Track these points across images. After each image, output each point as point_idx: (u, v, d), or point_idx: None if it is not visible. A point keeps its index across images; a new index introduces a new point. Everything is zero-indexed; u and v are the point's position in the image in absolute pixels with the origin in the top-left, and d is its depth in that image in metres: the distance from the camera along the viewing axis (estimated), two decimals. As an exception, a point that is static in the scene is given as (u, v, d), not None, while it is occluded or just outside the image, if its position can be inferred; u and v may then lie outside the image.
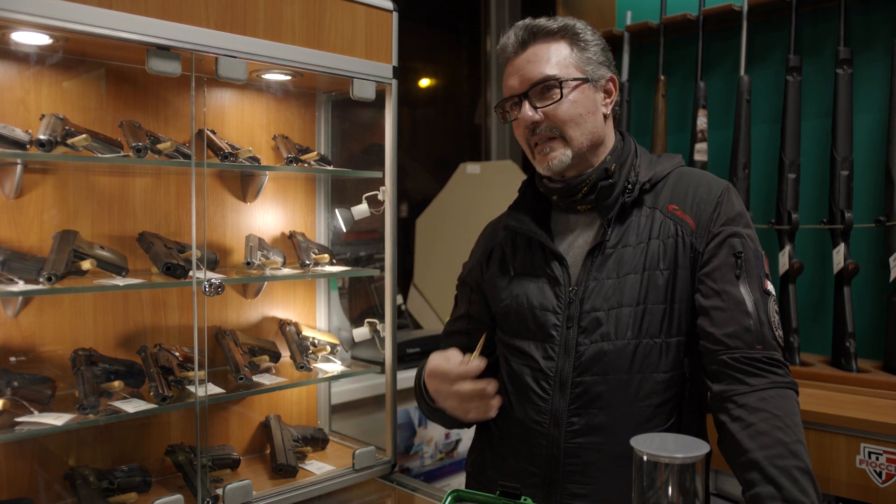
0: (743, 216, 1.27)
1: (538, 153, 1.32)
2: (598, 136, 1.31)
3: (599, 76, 1.31)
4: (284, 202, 1.90)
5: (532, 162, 1.36)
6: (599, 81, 1.32)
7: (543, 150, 1.30)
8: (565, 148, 1.29)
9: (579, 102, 1.28)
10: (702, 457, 0.96)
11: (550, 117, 1.28)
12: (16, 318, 1.45)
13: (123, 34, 1.30)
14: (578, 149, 1.29)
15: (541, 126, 1.29)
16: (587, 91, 1.30)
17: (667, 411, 1.26)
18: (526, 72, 1.29)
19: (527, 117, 1.28)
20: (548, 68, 1.28)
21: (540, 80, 1.28)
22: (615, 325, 1.24)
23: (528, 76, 1.29)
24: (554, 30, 1.30)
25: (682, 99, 2.51)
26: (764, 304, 1.20)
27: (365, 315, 1.97)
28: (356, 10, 1.66)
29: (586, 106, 1.29)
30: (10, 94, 1.45)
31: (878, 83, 2.09)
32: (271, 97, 1.85)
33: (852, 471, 1.73)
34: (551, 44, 1.30)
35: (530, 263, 1.36)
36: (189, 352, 1.63)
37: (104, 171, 1.58)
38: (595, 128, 1.31)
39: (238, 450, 1.77)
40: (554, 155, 1.29)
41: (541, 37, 1.30)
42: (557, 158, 1.29)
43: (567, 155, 1.29)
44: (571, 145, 1.29)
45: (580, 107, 1.28)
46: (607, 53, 1.35)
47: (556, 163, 1.29)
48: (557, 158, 1.29)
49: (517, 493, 1.08)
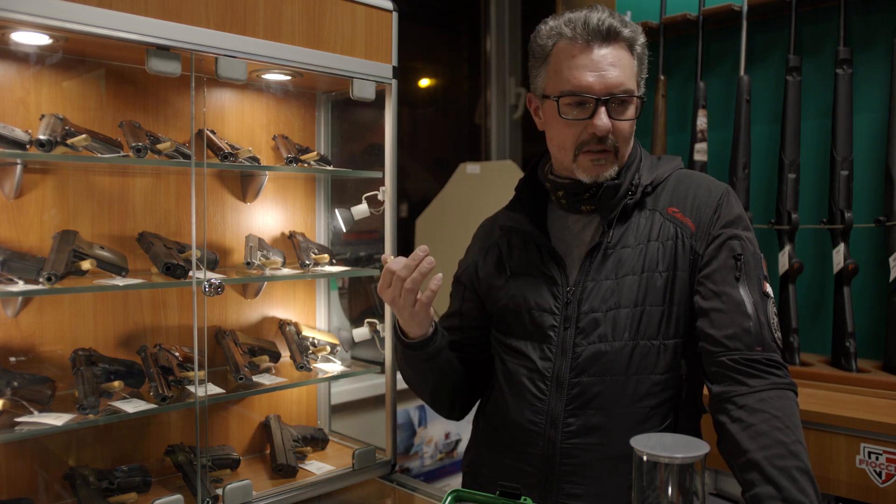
0: (742, 219, 1.27)
1: (591, 161, 1.26)
2: None
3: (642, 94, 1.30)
4: (284, 202, 1.90)
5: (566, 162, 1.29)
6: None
7: (598, 160, 1.26)
8: (615, 164, 1.27)
9: (635, 121, 1.28)
10: (702, 457, 0.96)
11: (618, 132, 1.25)
12: (16, 318, 1.45)
13: (123, 34, 1.30)
14: (622, 164, 1.29)
15: (609, 138, 1.25)
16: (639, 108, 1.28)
17: (663, 412, 1.26)
18: (609, 75, 1.22)
19: (606, 126, 1.23)
20: (628, 80, 1.24)
21: (622, 90, 1.23)
22: (612, 327, 1.24)
23: (610, 81, 1.22)
24: (630, 38, 1.25)
25: (681, 99, 2.51)
26: (763, 306, 1.20)
27: (365, 315, 1.97)
28: (356, 10, 1.66)
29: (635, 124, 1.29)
30: (10, 94, 1.45)
31: (878, 83, 2.09)
32: (271, 97, 1.85)
33: (852, 471, 1.73)
34: (627, 51, 1.25)
35: (527, 263, 1.35)
36: (189, 352, 1.63)
37: (104, 171, 1.58)
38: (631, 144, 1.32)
39: (238, 450, 1.77)
40: (606, 167, 1.27)
41: (621, 40, 1.24)
42: (608, 172, 1.27)
43: (615, 170, 1.28)
44: (620, 161, 1.28)
45: (634, 125, 1.28)
46: None
47: (605, 175, 1.27)
48: (608, 172, 1.27)
49: (517, 494, 1.08)
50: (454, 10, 3.57)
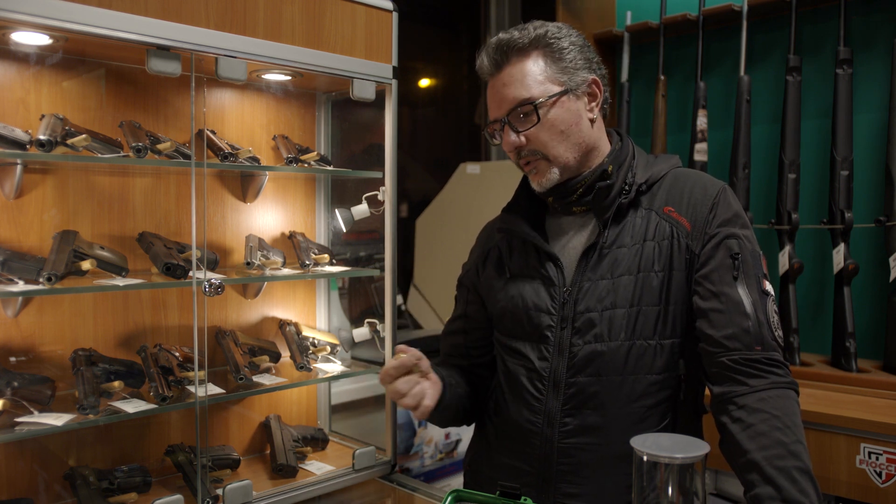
0: (740, 217, 1.26)
1: (528, 172, 1.32)
2: (584, 145, 1.29)
3: (579, 83, 1.28)
4: (284, 202, 1.90)
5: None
6: (580, 88, 1.28)
7: (531, 170, 1.30)
8: (551, 167, 1.28)
9: (559, 119, 1.26)
10: (702, 457, 0.96)
11: (532, 140, 1.27)
12: (16, 318, 1.45)
13: (123, 34, 1.30)
14: (564, 164, 1.28)
15: (524, 149, 1.28)
16: (567, 104, 1.27)
17: (660, 412, 1.26)
18: (502, 95, 1.27)
19: (510, 142, 1.27)
20: (523, 90, 1.25)
21: (516, 104, 1.26)
22: (608, 326, 1.24)
23: (504, 100, 1.27)
24: (525, 44, 1.26)
25: (682, 99, 2.51)
26: (763, 305, 1.20)
27: (365, 315, 1.97)
28: (356, 10, 1.66)
29: (567, 120, 1.27)
30: (10, 94, 1.45)
31: (878, 83, 2.09)
32: (271, 97, 1.85)
33: (852, 471, 1.73)
34: (525, 61, 1.26)
35: (525, 265, 1.36)
36: (189, 352, 1.63)
37: (104, 171, 1.58)
38: (580, 139, 1.28)
39: (238, 450, 1.77)
40: (541, 175, 1.29)
41: (513, 55, 1.26)
42: (545, 177, 1.29)
43: (554, 173, 1.28)
44: (556, 163, 1.28)
45: (561, 123, 1.26)
46: (587, 53, 1.30)
47: (544, 181, 1.29)
48: (545, 177, 1.29)
49: (517, 494, 1.08)
50: (454, 10, 3.57)
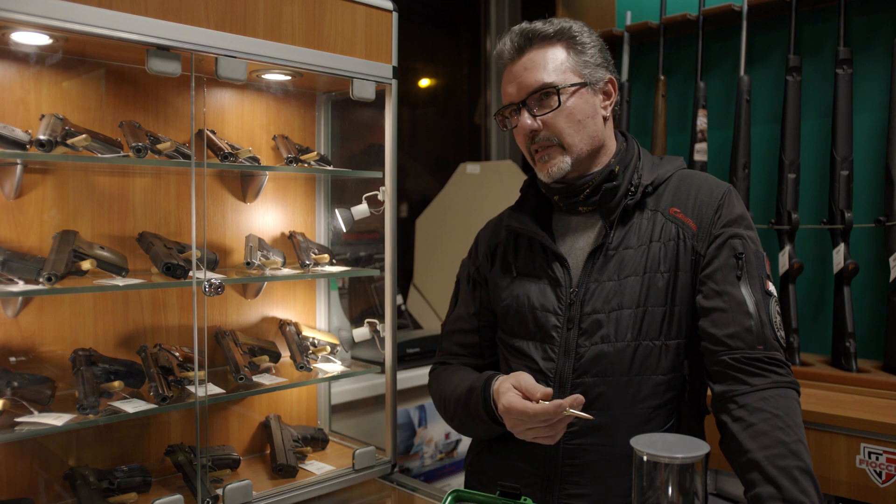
0: (744, 218, 1.27)
1: (538, 160, 1.32)
2: (597, 139, 1.31)
3: (598, 79, 1.31)
4: (284, 202, 1.90)
5: (533, 167, 1.36)
6: (598, 84, 1.31)
7: (543, 157, 1.30)
8: (564, 155, 1.29)
9: (578, 108, 1.28)
10: (702, 457, 0.96)
11: (549, 125, 1.28)
12: (16, 318, 1.45)
13: (123, 34, 1.30)
14: (577, 155, 1.29)
15: (539, 134, 1.29)
16: (585, 95, 1.29)
17: (665, 413, 1.26)
18: (523, 79, 1.28)
19: (526, 126, 1.28)
20: (545, 75, 1.27)
21: (537, 87, 1.27)
22: (615, 327, 1.25)
23: (525, 84, 1.28)
24: (550, 34, 1.29)
25: (682, 99, 2.51)
26: (765, 305, 1.20)
27: (365, 315, 1.97)
28: (356, 10, 1.66)
29: (585, 111, 1.29)
30: (10, 94, 1.45)
31: (878, 83, 2.09)
32: (271, 97, 1.85)
33: (852, 471, 1.73)
34: (548, 49, 1.29)
35: (532, 264, 1.36)
36: (189, 352, 1.63)
37: (104, 171, 1.58)
38: (595, 132, 1.30)
39: (238, 450, 1.77)
40: (553, 163, 1.29)
41: (537, 42, 1.29)
42: (556, 166, 1.29)
43: (566, 162, 1.29)
44: (570, 152, 1.29)
45: (579, 113, 1.28)
46: (605, 54, 1.33)
47: (555, 170, 1.29)
48: (556, 166, 1.29)
49: (517, 494, 1.08)
50: (454, 10, 3.57)
